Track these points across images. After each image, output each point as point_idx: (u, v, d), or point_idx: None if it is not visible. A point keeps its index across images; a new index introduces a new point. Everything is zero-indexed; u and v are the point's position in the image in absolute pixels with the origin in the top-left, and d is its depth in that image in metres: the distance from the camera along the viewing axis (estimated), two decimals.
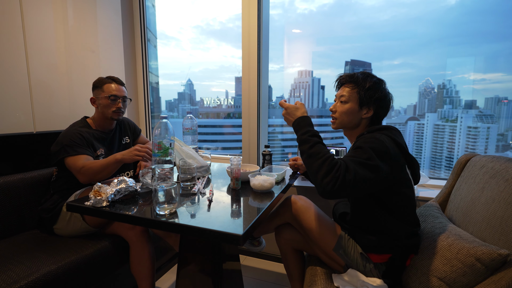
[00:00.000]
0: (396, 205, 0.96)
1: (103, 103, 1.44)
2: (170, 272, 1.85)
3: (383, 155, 0.88)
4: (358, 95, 1.04)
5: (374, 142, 0.90)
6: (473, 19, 1.78)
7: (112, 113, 1.45)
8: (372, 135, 0.95)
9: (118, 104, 1.45)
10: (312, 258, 1.20)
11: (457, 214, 1.09)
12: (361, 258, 1.00)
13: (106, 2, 1.94)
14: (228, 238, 0.81)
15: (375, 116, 1.06)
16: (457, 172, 1.23)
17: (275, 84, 2.13)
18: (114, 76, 1.50)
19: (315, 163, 0.87)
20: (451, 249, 0.87)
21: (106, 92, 1.43)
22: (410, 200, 0.98)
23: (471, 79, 1.82)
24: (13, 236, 1.36)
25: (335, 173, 0.82)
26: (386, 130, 1.00)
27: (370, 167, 0.85)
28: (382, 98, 1.05)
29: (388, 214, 0.96)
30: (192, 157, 1.36)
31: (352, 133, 1.10)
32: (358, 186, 0.83)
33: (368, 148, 0.88)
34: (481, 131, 1.86)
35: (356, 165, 0.85)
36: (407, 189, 0.97)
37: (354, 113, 1.06)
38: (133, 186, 1.09)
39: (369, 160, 0.86)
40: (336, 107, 1.10)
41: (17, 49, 1.45)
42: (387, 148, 0.89)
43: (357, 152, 0.90)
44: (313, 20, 2.42)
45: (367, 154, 0.87)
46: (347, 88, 1.07)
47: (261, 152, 2.01)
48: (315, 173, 0.86)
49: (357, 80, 1.05)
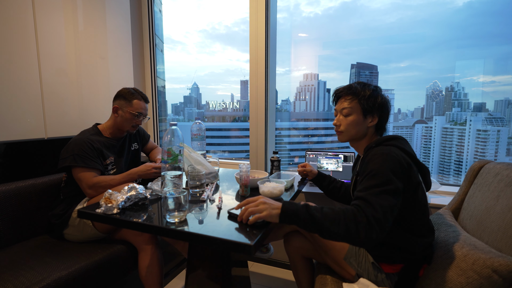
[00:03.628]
0: (411, 216, 0.94)
1: (126, 117, 1.44)
2: (178, 278, 1.85)
3: (397, 172, 0.87)
4: (360, 105, 1.04)
5: (385, 160, 0.88)
6: (482, 21, 1.76)
7: (131, 127, 1.48)
8: (380, 151, 0.92)
9: (139, 122, 1.48)
10: (321, 266, 1.18)
11: (471, 223, 1.07)
12: (373, 268, 0.98)
13: (115, 10, 1.96)
14: (239, 247, 0.80)
15: (379, 122, 1.06)
16: (470, 179, 1.20)
17: (280, 87, 2.13)
18: (140, 91, 1.51)
19: (337, 227, 0.81)
20: (466, 259, 0.85)
21: (135, 108, 1.44)
22: (423, 208, 0.97)
23: (480, 81, 1.80)
24: (24, 241, 1.37)
25: (360, 221, 0.79)
26: (394, 140, 0.99)
27: (390, 192, 0.84)
28: (384, 104, 1.05)
29: (401, 229, 0.94)
30: (201, 164, 1.36)
31: (360, 143, 1.09)
32: (389, 217, 0.81)
33: (382, 170, 0.86)
34: (491, 134, 1.83)
35: (377, 198, 0.82)
36: (420, 198, 0.95)
37: (360, 124, 1.05)
38: (143, 193, 1.10)
39: (387, 185, 0.84)
40: (339, 121, 1.08)
41: (30, 55, 1.48)
42: (400, 162, 0.88)
43: (372, 180, 0.86)
44: (318, 23, 2.42)
45: (382, 177, 0.85)
46: (346, 101, 1.06)
47: (269, 158, 2.00)
48: (345, 235, 0.81)
49: (355, 91, 1.05)
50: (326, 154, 1.73)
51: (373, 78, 2.19)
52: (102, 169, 1.37)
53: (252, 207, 0.89)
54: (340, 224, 0.81)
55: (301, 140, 2.42)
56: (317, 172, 1.40)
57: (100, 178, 1.31)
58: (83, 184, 1.30)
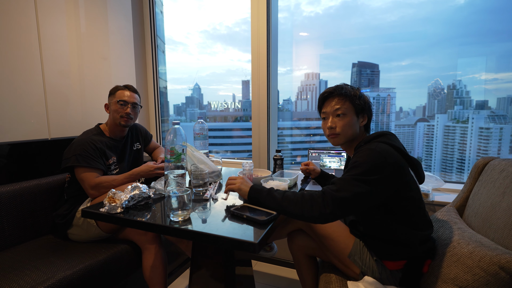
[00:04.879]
0: (404, 210, 0.94)
1: (113, 108, 1.46)
2: (181, 277, 1.85)
3: (378, 166, 0.88)
4: (353, 105, 1.04)
5: (369, 155, 0.90)
6: (483, 18, 1.75)
7: (120, 118, 1.45)
8: (367, 146, 0.94)
9: (126, 110, 1.46)
10: (325, 265, 1.18)
11: (476, 220, 1.06)
12: (377, 265, 0.98)
13: (117, 11, 1.97)
14: (243, 245, 0.80)
15: (368, 121, 1.09)
16: (474, 176, 1.19)
17: (281, 87, 2.13)
18: (129, 85, 1.53)
19: (297, 205, 0.93)
20: (472, 256, 0.85)
21: (117, 97, 1.46)
22: (418, 202, 0.97)
23: (483, 79, 1.78)
24: (29, 242, 1.38)
25: (316, 200, 0.90)
26: (382, 136, 1.00)
27: (363, 181, 0.87)
28: (369, 103, 1.09)
29: (398, 223, 0.94)
30: (204, 163, 1.36)
31: (351, 144, 1.10)
32: (352, 201, 0.87)
33: (362, 163, 0.89)
34: (494, 132, 1.81)
35: (346, 182, 0.89)
36: (414, 192, 0.95)
37: (355, 124, 1.06)
38: (146, 192, 1.10)
39: (363, 175, 0.88)
40: (335, 123, 1.06)
41: (33, 57, 1.49)
42: (384, 157, 0.89)
43: (351, 170, 0.92)
44: (319, 22, 2.41)
45: (362, 168, 0.89)
46: (338, 102, 1.05)
47: (271, 156, 2.00)
48: (301, 213, 0.92)
49: (347, 91, 1.05)
50: (328, 153, 1.73)
51: (375, 77, 2.18)
52: (104, 169, 1.38)
53: (230, 181, 1.10)
54: (297, 205, 0.92)
55: (303, 140, 2.42)
56: (320, 171, 1.40)
57: (102, 178, 1.32)
58: (85, 185, 1.30)
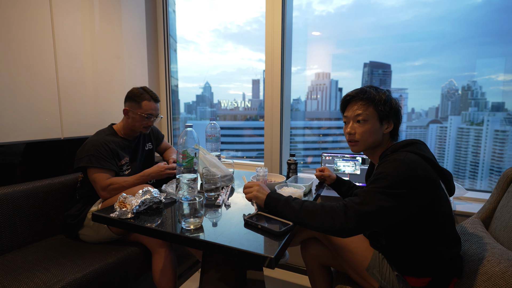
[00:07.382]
0: (433, 226, 0.89)
1: (137, 118, 1.42)
2: (191, 280, 1.84)
3: (406, 179, 0.82)
4: (377, 111, 0.97)
5: (396, 166, 0.84)
6: (502, 17, 1.67)
7: (143, 128, 1.46)
8: (395, 156, 0.88)
9: (150, 122, 1.46)
10: (340, 276, 1.13)
11: (505, 234, 1.00)
12: (398, 281, 0.93)
13: (131, 10, 1.95)
14: (258, 259, 0.76)
15: (394, 128, 1.00)
16: (503, 187, 1.12)
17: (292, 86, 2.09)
18: (149, 90, 1.47)
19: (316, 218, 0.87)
20: (505, 277, 0.79)
21: (144, 110, 1.42)
22: (448, 217, 0.91)
23: (500, 80, 1.71)
24: (41, 241, 1.39)
25: (337, 214, 0.84)
26: (411, 145, 0.92)
27: (390, 194, 0.81)
28: (398, 108, 0.99)
29: (425, 239, 0.89)
30: (216, 166, 1.33)
31: (375, 151, 1.03)
32: (375, 215, 0.81)
33: (389, 174, 0.83)
34: (510, 135, 1.74)
35: (370, 195, 0.83)
36: (444, 207, 0.90)
37: (377, 131, 0.98)
38: (157, 197, 1.08)
39: (389, 188, 0.82)
40: (354, 128, 0.99)
41: (47, 55, 1.48)
42: (413, 169, 0.83)
43: (376, 182, 0.85)
44: (331, 21, 2.35)
45: (388, 181, 0.83)
46: (360, 107, 0.98)
47: (283, 160, 1.95)
48: (320, 226, 0.86)
49: (370, 95, 0.97)
50: (343, 156, 1.67)
51: (386, 77, 2.12)
52: (117, 170, 1.37)
53: (247, 190, 1.06)
54: (316, 217, 0.86)
55: (314, 140, 2.37)
56: (335, 177, 1.35)
57: (114, 179, 1.31)
58: (97, 186, 1.30)
